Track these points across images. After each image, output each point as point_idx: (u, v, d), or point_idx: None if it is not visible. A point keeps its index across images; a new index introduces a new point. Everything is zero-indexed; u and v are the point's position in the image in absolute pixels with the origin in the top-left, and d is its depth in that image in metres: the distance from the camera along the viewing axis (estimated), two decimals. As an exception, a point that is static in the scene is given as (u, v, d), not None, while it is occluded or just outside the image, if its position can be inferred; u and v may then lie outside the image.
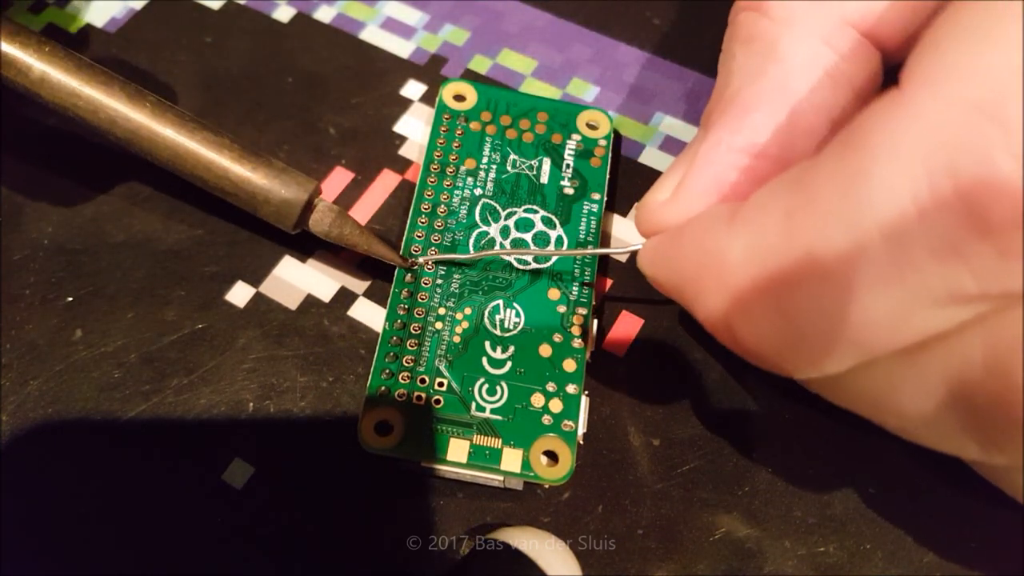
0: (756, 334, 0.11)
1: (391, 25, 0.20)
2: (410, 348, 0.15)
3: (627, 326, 0.16)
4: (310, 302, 0.17)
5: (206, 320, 0.16)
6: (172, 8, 0.21)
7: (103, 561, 0.14)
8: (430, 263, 0.16)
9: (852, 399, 0.12)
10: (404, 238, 0.17)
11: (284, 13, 0.21)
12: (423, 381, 0.15)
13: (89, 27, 0.20)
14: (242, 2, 0.21)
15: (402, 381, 0.15)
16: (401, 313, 0.16)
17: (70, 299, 0.17)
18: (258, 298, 0.17)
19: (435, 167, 0.17)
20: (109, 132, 0.16)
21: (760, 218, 0.11)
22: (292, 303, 0.17)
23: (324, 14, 0.21)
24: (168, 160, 0.16)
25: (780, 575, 0.14)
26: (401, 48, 0.20)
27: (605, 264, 0.17)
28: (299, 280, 0.17)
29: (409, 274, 0.16)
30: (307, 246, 0.17)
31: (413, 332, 0.15)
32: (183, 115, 0.16)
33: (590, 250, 0.16)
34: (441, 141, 0.18)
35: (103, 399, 0.16)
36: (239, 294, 0.17)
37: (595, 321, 0.16)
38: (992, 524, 0.15)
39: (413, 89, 0.19)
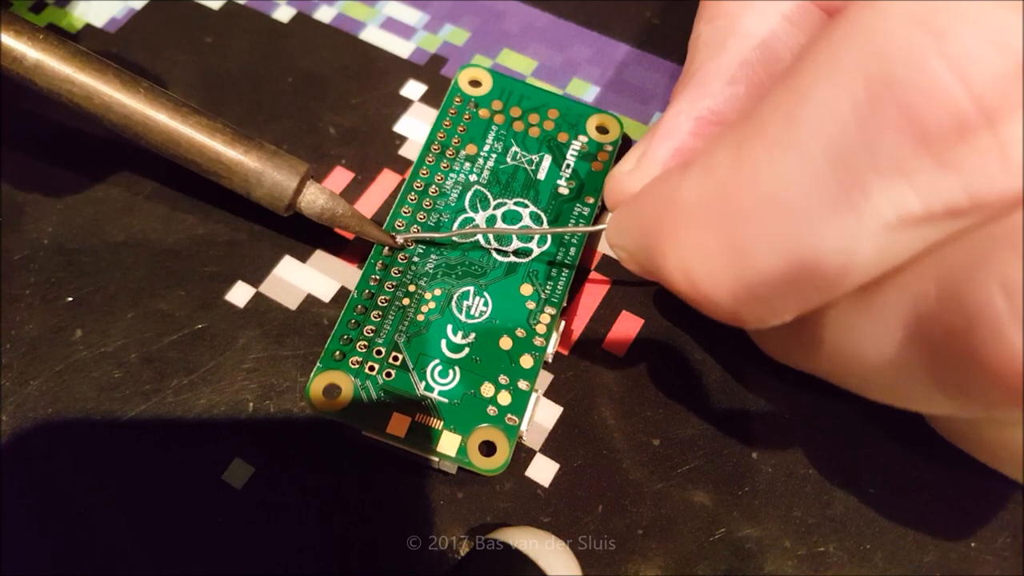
0: (711, 276, 0.11)
1: (391, 25, 0.20)
2: (373, 319, 0.15)
3: (627, 326, 0.16)
4: (310, 302, 0.17)
5: (206, 320, 0.16)
6: (172, 8, 0.21)
7: (103, 561, 0.14)
8: (410, 240, 0.16)
9: (811, 354, 0.12)
10: (390, 212, 0.17)
11: (284, 13, 0.21)
12: (379, 353, 0.15)
13: (89, 27, 0.20)
14: (242, 2, 0.21)
15: (359, 349, 0.15)
16: (372, 284, 0.16)
17: (70, 299, 0.17)
18: (258, 298, 0.17)
19: (436, 148, 0.17)
20: (103, 118, 0.16)
21: (711, 156, 0.11)
22: (292, 303, 0.17)
23: (324, 14, 0.21)
24: (162, 145, 0.16)
25: (780, 575, 0.14)
26: (401, 48, 0.20)
27: (607, 265, 0.17)
28: (299, 280, 0.17)
29: (387, 248, 0.16)
30: (307, 246, 0.17)
31: (380, 304, 0.16)
32: (176, 100, 0.16)
33: (561, 228, 0.16)
34: (447, 123, 0.18)
35: (103, 399, 0.16)
36: (239, 294, 0.17)
37: (562, 323, 0.16)
38: (992, 524, 0.15)
39: (413, 89, 0.19)
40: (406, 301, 0.16)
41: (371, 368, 0.15)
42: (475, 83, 0.18)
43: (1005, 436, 0.12)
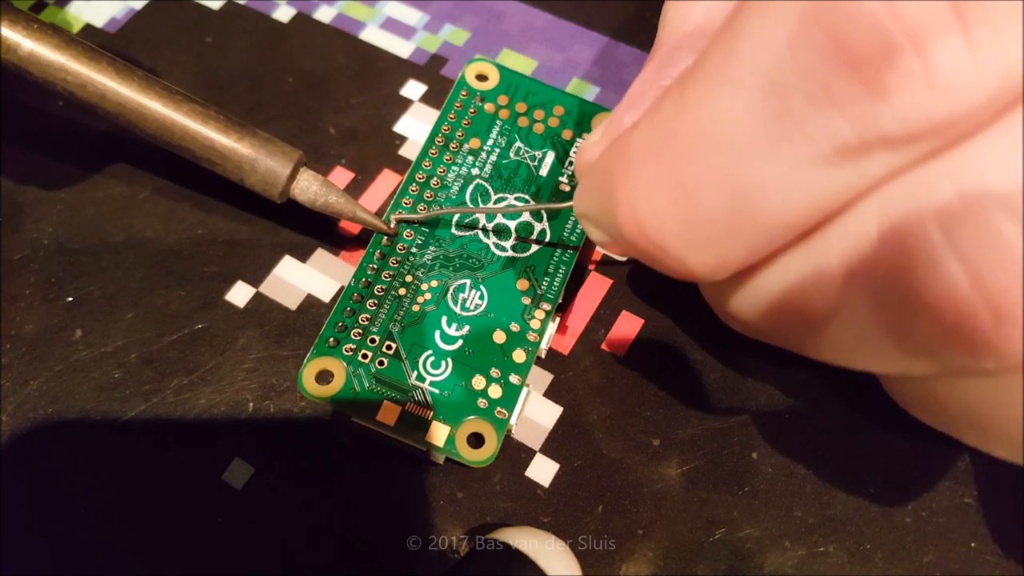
0: (658, 218, 0.11)
1: (391, 25, 0.20)
2: (369, 308, 0.15)
3: (627, 326, 0.16)
4: (310, 302, 0.17)
5: (206, 320, 0.16)
6: (172, 8, 0.21)
7: (103, 561, 0.14)
8: (394, 224, 0.16)
9: (765, 310, 0.12)
10: (391, 203, 0.17)
11: (284, 13, 0.21)
12: (373, 341, 0.15)
13: (89, 27, 0.20)
14: (242, 2, 0.21)
15: (353, 337, 0.15)
16: (369, 273, 0.16)
17: (70, 299, 0.17)
18: (258, 298, 0.17)
19: (439, 140, 0.17)
20: (98, 106, 0.16)
21: (659, 102, 0.11)
22: (292, 303, 0.17)
23: (324, 14, 0.21)
24: (156, 132, 0.16)
25: (780, 575, 0.14)
26: (401, 48, 0.20)
27: (607, 265, 0.17)
28: (299, 280, 0.17)
29: (386, 238, 0.16)
30: (307, 246, 0.17)
31: (376, 293, 0.16)
32: (170, 88, 0.16)
33: (536, 205, 0.16)
34: (452, 116, 0.18)
35: (103, 399, 0.16)
36: (239, 294, 0.17)
37: (556, 319, 0.16)
38: (992, 524, 0.15)
39: (413, 89, 0.19)
40: (402, 291, 0.16)
41: (364, 356, 0.15)
42: (482, 77, 0.18)
43: (956, 392, 0.11)
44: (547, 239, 0.16)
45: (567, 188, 0.17)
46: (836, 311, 0.10)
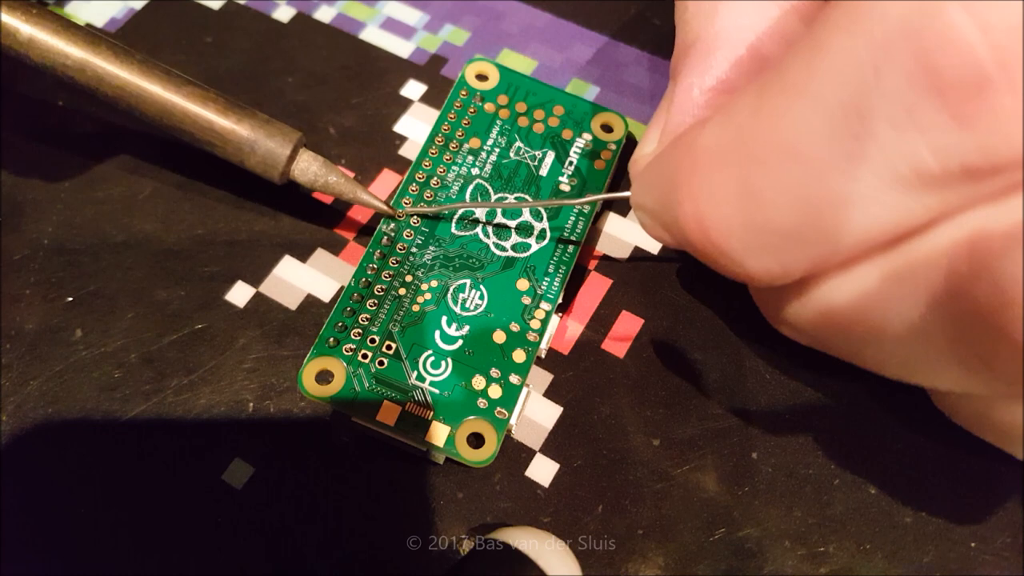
0: (722, 222, 0.11)
1: (391, 25, 0.20)
2: (369, 308, 0.15)
3: (627, 326, 0.16)
4: (310, 302, 0.17)
5: (206, 320, 0.17)
6: (172, 8, 0.21)
7: (103, 561, 0.14)
8: (401, 214, 0.16)
9: (825, 319, 0.12)
10: (391, 203, 0.17)
11: (284, 13, 0.21)
12: (372, 341, 0.15)
13: (89, 27, 0.20)
14: (242, 2, 0.21)
15: (353, 337, 0.15)
16: (370, 273, 0.16)
17: (70, 299, 0.17)
18: (258, 298, 0.17)
19: (439, 140, 0.17)
20: (97, 90, 0.16)
21: (733, 104, 0.11)
22: (292, 303, 0.17)
23: (324, 14, 0.21)
24: (155, 116, 0.16)
25: (780, 575, 0.14)
26: (401, 48, 0.20)
27: (607, 265, 0.17)
28: (299, 280, 0.17)
29: (385, 237, 0.16)
30: (307, 246, 0.17)
31: (376, 293, 0.16)
32: (169, 72, 0.16)
33: (589, 197, 0.16)
34: (452, 116, 0.18)
35: (103, 399, 0.16)
36: (239, 294, 0.17)
37: (556, 319, 0.16)
38: (992, 524, 0.15)
39: (413, 89, 0.19)
40: (402, 291, 0.16)
41: (364, 356, 0.15)
42: (482, 77, 0.18)
43: (1017, 415, 0.11)
44: (546, 239, 0.16)
45: (567, 188, 0.17)
46: (908, 331, 0.10)
